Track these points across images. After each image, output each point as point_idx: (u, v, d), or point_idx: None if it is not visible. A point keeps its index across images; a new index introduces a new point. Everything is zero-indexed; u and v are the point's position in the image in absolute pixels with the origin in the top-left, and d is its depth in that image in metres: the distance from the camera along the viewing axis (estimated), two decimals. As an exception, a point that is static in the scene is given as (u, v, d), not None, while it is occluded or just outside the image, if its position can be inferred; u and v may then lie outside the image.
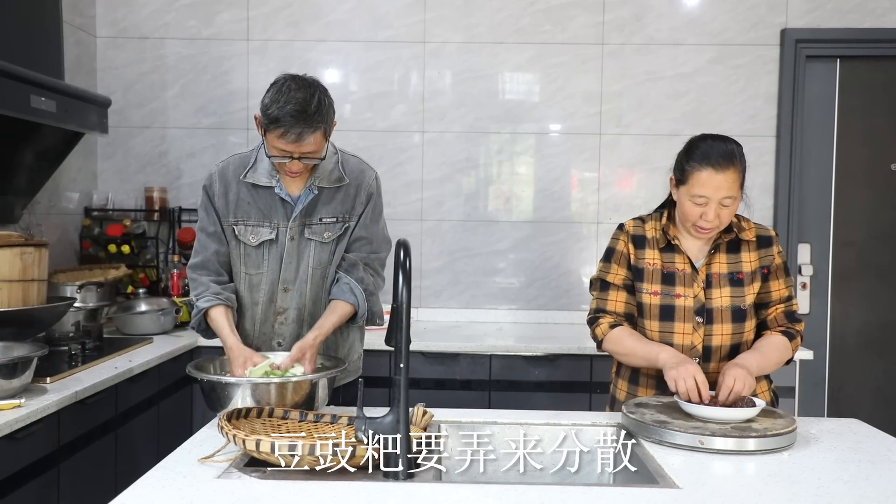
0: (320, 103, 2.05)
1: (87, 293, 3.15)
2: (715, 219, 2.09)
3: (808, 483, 1.60)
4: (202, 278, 2.28)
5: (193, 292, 2.29)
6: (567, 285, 4.13)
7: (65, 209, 3.84)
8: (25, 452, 2.24)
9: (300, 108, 2.01)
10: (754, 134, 4.04)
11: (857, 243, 4.15)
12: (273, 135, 2.05)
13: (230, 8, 4.11)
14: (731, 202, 2.09)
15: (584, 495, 1.52)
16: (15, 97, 2.69)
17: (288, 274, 2.27)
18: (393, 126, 4.10)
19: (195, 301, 2.27)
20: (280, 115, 2.01)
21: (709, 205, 2.08)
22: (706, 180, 2.07)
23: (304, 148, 2.06)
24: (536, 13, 4.06)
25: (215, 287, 2.27)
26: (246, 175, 2.23)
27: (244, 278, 2.30)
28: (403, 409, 1.58)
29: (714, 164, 2.07)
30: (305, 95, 2.03)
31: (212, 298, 2.23)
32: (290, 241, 2.25)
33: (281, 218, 2.25)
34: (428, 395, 3.29)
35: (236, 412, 1.80)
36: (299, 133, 2.02)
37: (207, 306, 2.23)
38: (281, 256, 2.26)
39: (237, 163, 2.27)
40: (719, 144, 2.11)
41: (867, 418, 2.16)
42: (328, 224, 2.27)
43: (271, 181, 2.22)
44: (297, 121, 2.01)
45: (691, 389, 1.95)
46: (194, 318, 2.28)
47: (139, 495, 1.49)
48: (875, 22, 4.00)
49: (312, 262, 2.28)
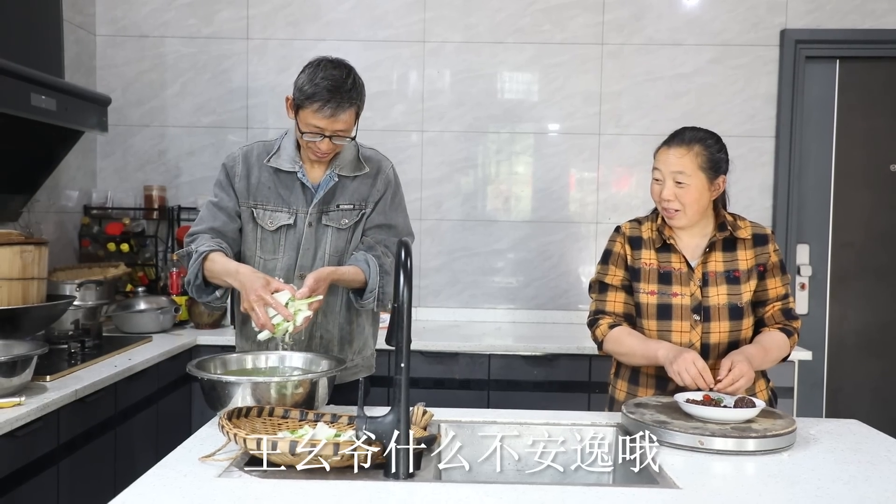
0: (355, 81, 2.14)
1: (86, 291, 3.15)
2: (673, 198, 2.15)
3: (807, 483, 1.60)
4: (204, 236, 2.24)
5: (192, 244, 2.23)
6: (566, 285, 4.13)
7: (64, 207, 3.84)
8: (25, 450, 2.24)
9: (337, 84, 2.10)
10: (753, 134, 4.05)
11: (855, 244, 4.15)
12: (308, 110, 2.11)
13: (230, 7, 4.11)
14: (685, 179, 2.14)
15: (584, 495, 1.52)
16: (15, 95, 2.69)
17: (305, 260, 2.28)
18: (392, 125, 4.10)
19: (193, 248, 2.20)
20: (316, 91, 2.09)
21: (664, 181, 2.16)
22: (660, 156, 2.20)
23: (337, 125, 2.13)
24: (536, 13, 4.07)
25: (214, 235, 2.24)
26: (270, 160, 2.26)
27: (259, 262, 2.29)
28: (404, 409, 1.58)
29: (668, 141, 2.21)
30: (341, 73, 2.12)
31: (212, 245, 2.19)
32: (308, 227, 2.27)
33: (301, 204, 2.27)
34: (427, 394, 3.29)
35: (237, 411, 1.80)
36: (335, 108, 2.10)
37: (207, 250, 2.17)
38: (298, 242, 2.28)
39: (261, 148, 2.31)
40: (685, 130, 2.21)
41: (865, 419, 2.17)
42: (345, 211, 2.29)
43: (294, 167, 2.25)
44: (333, 95, 2.09)
45: (696, 378, 1.99)
46: (192, 268, 2.18)
47: (140, 494, 1.49)
48: (875, 23, 4.00)
49: (329, 249, 2.29)
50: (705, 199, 2.18)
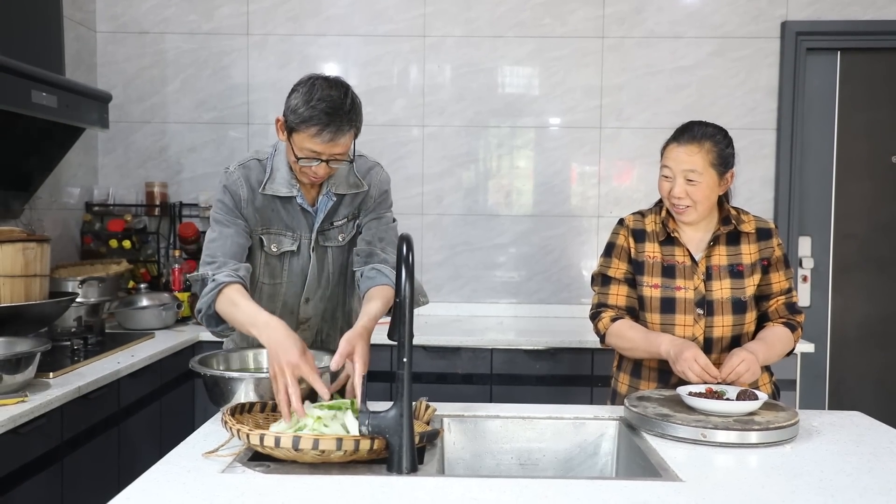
0: (353, 101, 1.96)
1: (88, 288, 3.15)
2: (684, 196, 2.14)
3: (810, 476, 1.60)
4: (220, 258, 2.05)
5: (209, 267, 2.04)
6: (568, 279, 4.14)
7: (66, 204, 3.84)
8: (29, 447, 2.25)
9: (335, 106, 1.91)
10: (755, 127, 4.05)
11: (857, 236, 4.15)
12: (304, 134, 1.94)
13: (230, 2, 4.10)
14: (696, 177, 2.13)
15: (587, 488, 1.53)
16: (16, 92, 2.69)
17: (311, 285, 2.22)
18: (393, 120, 4.10)
19: (209, 274, 2.02)
20: (313, 115, 1.91)
21: (675, 179, 2.15)
22: (669, 153, 2.18)
23: (336, 149, 1.96)
24: (536, 7, 4.06)
25: (233, 264, 2.04)
26: (264, 187, 2.10)
27: (260, 287, 2.22)
28: (407, 404, 1.58)
29: (678, 138, 2.18)
30: (339, 94, 1.94)
31: (231, 274, 2.00)
32: (312, 252, 2.18)
33: (303, 228, 2.17)
34: (429, 388, 3.28)
35: (240, 407, 1.80)
36: (335, 132, 1.92)
37: (226, 281, 1.98)
38: (303, 268, 2.19)
39: (257, 169, 2.12)
40: (693, 125, 2.19)
41: (868, 411, 2.17)
42: (340, 226, 2.20)
43: (291, 190, 2.10)
44: (332, 119, 1.91)
45: (700, 375, 2.00)
46: (205, 297, 2.00)
47: (144, 490, 1.50)
48: (876, 14, 4.00)
49: (332, 268, 2.23)
50: (715, 195, 2.18)
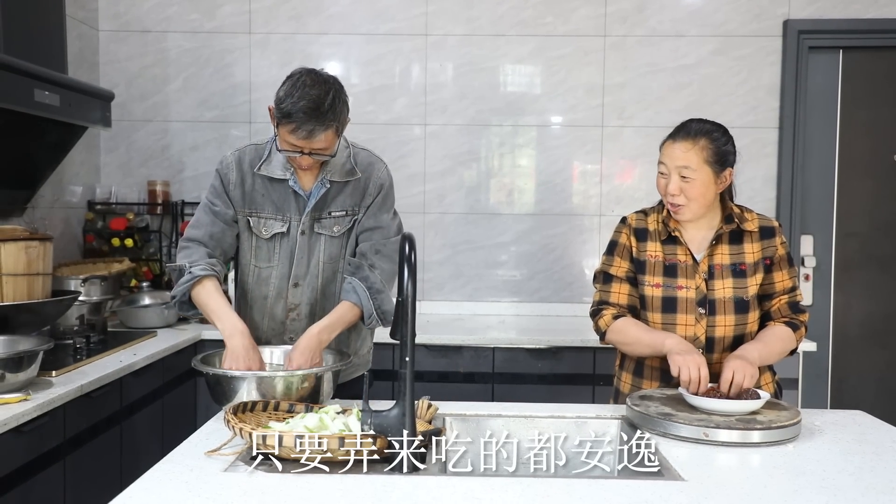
0: (334, 101, 2.03)
1: (91, 287, 3.15)
2: (678, 192, 2.13)
3: (812, 475, 1.60)
4: (200, 249, 2.21)
5: (186, 259, 2.19)
6: (570, 278, 4.13)
7: (68, 203, 3.84)
8: (31, 446, 2.25)
9: (313, 106, 1.99)
10: (757, 125, 4.04)
11: (859, 234, 4.15)
12: (285, 129, 2.03)
13: (232, 1, 4.10)
14: (690, 174, 2.11)
15: (589, 487, 1.53)
16: (19, 91, 2.70)
17: (299, 269, 2.25)
18: (395, 119, 4.10)
19: (188, 267, 2.16)
20: (293, 111, 1.99)
21: (670, 175, 2.14)
22: (665, 149, 2.18)
23: (315, 145, 2.05)
24: (538, 5, 4.05)
25: (211, 259, 2.20)
26: (260, 168, 2.20)
27: (253, 271, 2.28)
28: (409, 402, 1.58)
29: (673, 134, 2.18)
30: (320, 93, 2.01)
31: (207, 268, 2.15)
32: (301, 235, 2.23)
33: (293, 212, 2.22)
34: (431, 387, 3.25)
35: (242, 405, 1.81)
36: (311, 130, 2.00)
37: (201, 274, 2.13)
38: (292, 251, 2.24)
39: (253, 153, 2.23)
40: (690, 122, 2.18)
41: (870, 409, 2.17)
42: (337, 218, 2.25)
43: (286, 174, 2.19)
44: (309, 118, 1.99)
45: (694, 381, 1.96)
46: (182, 286, 2.14)
47: (147, 488, 1.50)
48: (878, 12, 3.99)
49: (323, 257, 2.26)
50: (711, 193, 2.15)
